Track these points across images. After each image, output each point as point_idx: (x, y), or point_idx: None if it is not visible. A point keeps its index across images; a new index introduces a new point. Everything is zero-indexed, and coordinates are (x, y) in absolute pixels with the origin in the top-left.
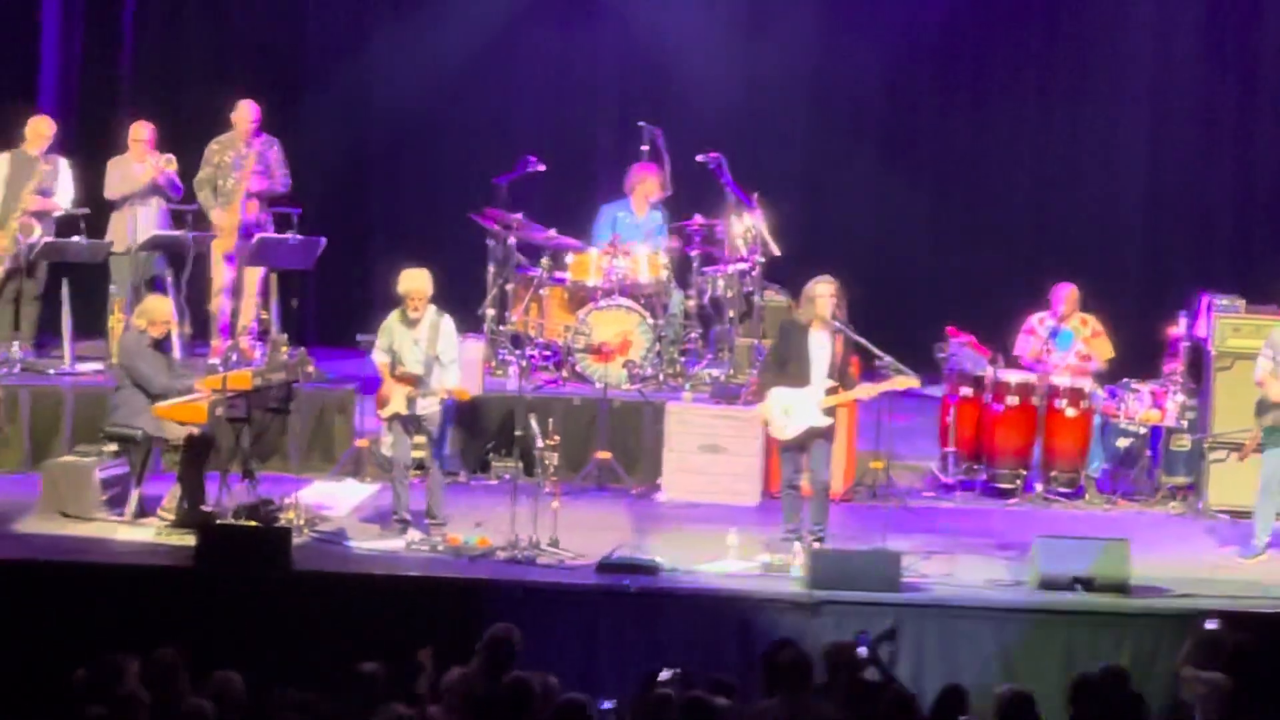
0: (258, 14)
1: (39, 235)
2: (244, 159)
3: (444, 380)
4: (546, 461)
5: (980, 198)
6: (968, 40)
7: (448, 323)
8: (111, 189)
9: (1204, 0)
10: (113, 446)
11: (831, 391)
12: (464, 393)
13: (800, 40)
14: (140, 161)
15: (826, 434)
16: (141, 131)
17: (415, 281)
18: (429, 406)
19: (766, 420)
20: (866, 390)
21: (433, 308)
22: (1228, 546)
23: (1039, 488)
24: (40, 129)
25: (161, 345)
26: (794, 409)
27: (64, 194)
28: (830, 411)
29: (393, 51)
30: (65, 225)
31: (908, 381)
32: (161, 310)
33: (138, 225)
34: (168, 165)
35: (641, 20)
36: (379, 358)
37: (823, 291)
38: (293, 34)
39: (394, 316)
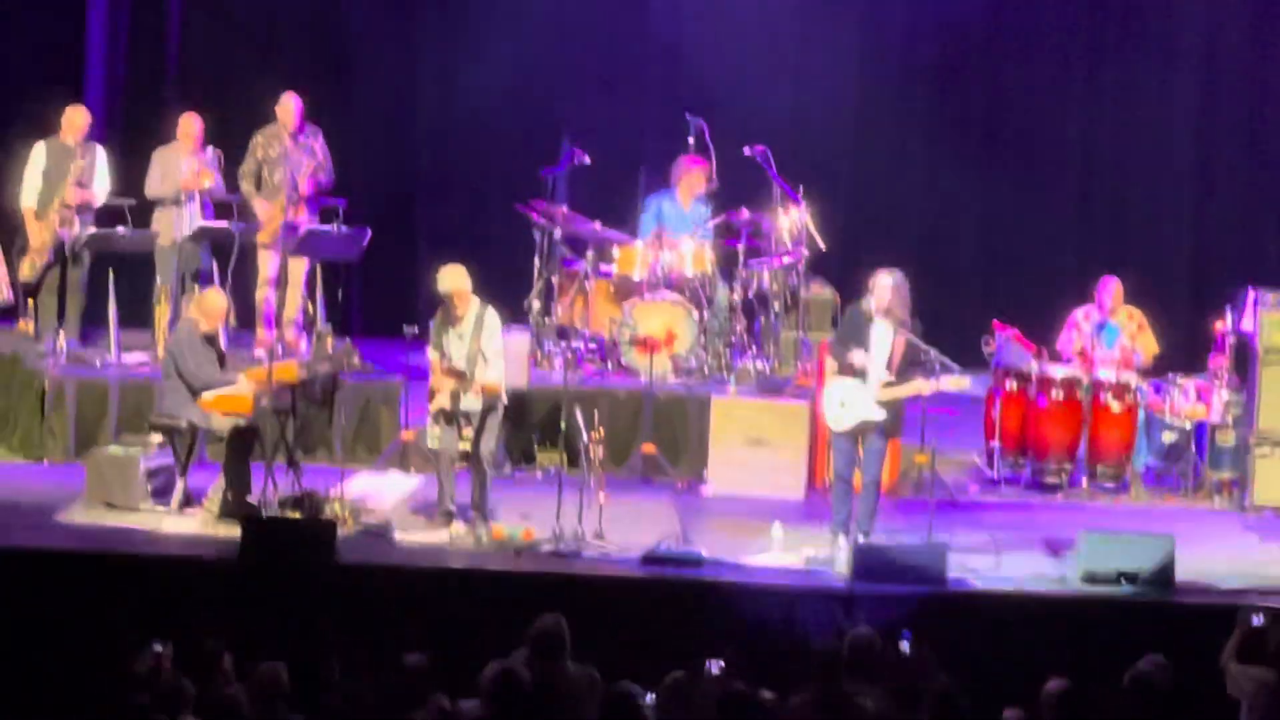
0: (304, 4)
1: (80, 228)
2: (290, 152)
3: (482, 375)
4: (591, 454)
5: (1027, 191)
6: (1015, 30)
7: (491, 316)
8: (152, 189)
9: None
10: (158, 437)
11: (888, 385)
12: (496, 388)
13: (846, 31)
14: (186, 157)
15: (880, 429)
16: (190, 126)
17: (452, 281)
18: (474, 401)
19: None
20: (921, 387)
21: (477, 301)
22: (1273, 542)
23: (1084, 482)
24: (75, 119)
25: (214, 339)
26: (850, 401)
27: (101, 185)
28: (886, 406)
29: (440, 42)
30: (111, 216)
31: (960, 383)
32: (217, 304)
33: (183, 217)
34: (205, 180)
35: (688, 11)
36: (430, 353)
37: (883, 283)
38: (340, 24)
39: (440, 312)
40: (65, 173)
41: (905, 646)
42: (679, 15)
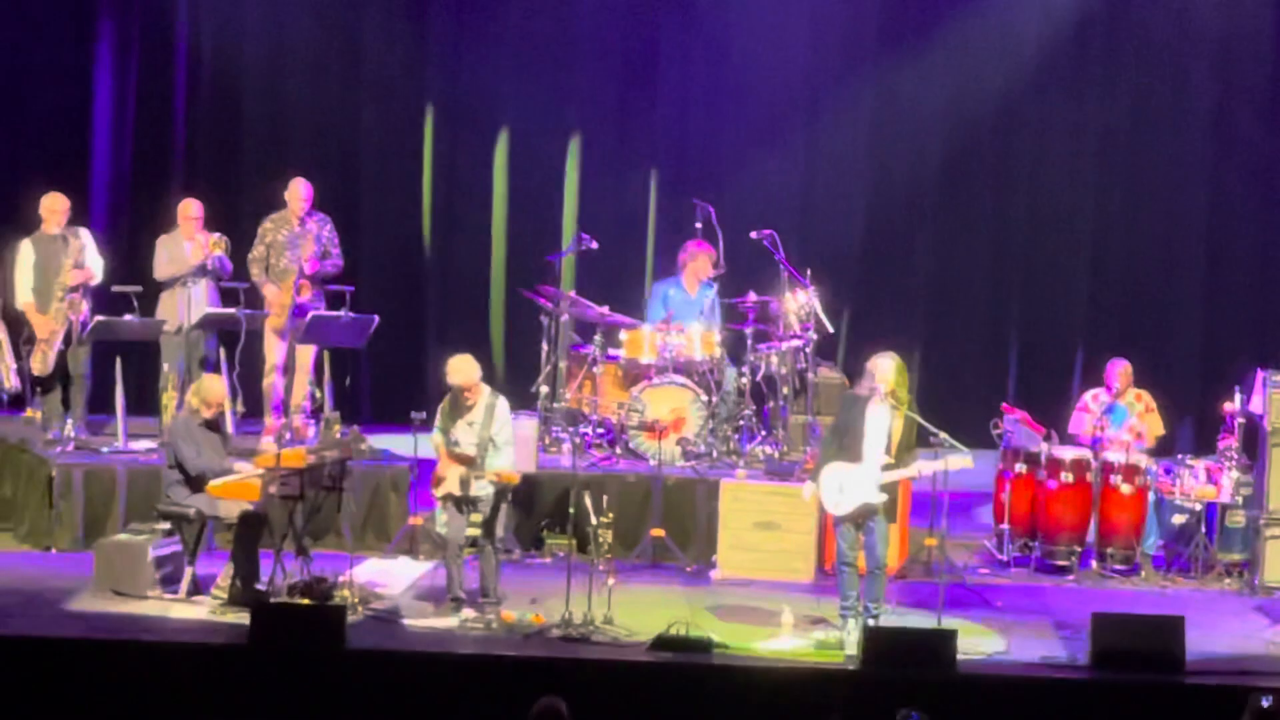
0: (311, 93)
1: (87, 310)
2: (299, 239)
3: (495, 463)
4: (600, 539)
5: (1036, 274)
6: (1025, 116)
7: (503, 405)
8: (160, 270)
9: (1265, 66)
10: (166, 525)
11: (887, 468)
12: (512, 477)
13: (855, 117)
14: (189, 240)
15: (883, 511)
16: (190, 209)
17: (462, 375)
18: (483, 487)
19: (814, 494)
20: (921, 468)
21: (487, 389)
22: None
23: (1094, 564)
24: (55, 205)
25: (217, 425)
26: (849, 485)
27: (95, 263)
28: (886, 488)
29: (449, 132)
30: (117, 303)
31: (962, 462)
32: (215, 391)
33: (190, 304)
34: (215, 248)
35: (695, 97)
36: (435, 437)
37: (884, 365)
38: (348, 114)
39: (448, 398)
40: (58, 261)
41: None
42: (687, 101)
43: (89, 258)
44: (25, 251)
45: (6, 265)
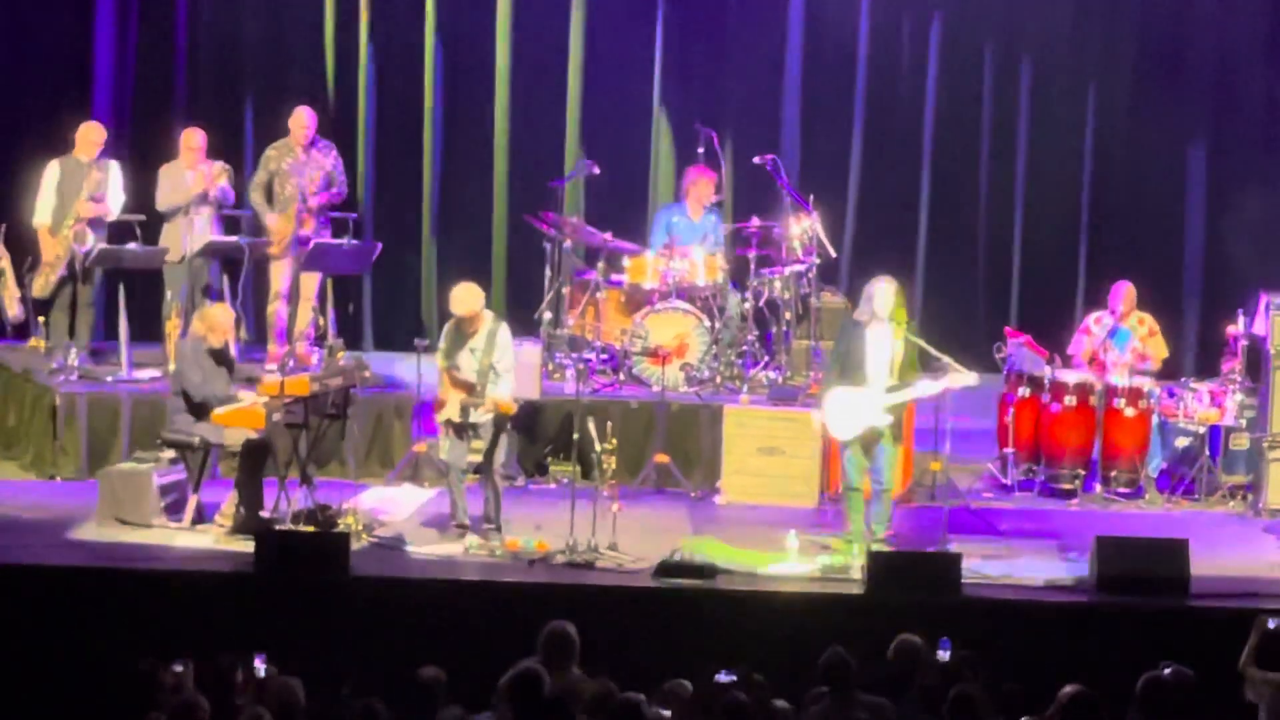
0: (312, 20)
1: (93, 242)
2: (303, 166)
3: (494, 391)
4: (604, 465)
5: (1039, 197)
6: (1027, 33)
7: (504, 332)
8: (163, 200)
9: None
10: (170, 453)
11: (892, 391)
12: (508, 406)
13: (855, 38)
14: (192, 169)
15: (888, 435)
16: (193, 139)
17: (465, 304)
18: (484, 415)
19: (821, 425)
20: (927, 389)
21: (490, 315)
22: None
23: (1098, 488)
24: (91, 135)
25: (223, 353)
26: (853, 409)
27: (115, 200)
28: (892, 410)
29: (450, 55)
30: (120, 232)
31: (966, 379)
32: (221, 318)
33: (192, 233)
34: (220, 177)
35: (699, 22)
36: (439, 361)
37: (882, 290)
38: (348, 41)
39: (451, 324)
40: (79, 188)
41: (944, 655)
42: (690, 26)
43: (111, 193)
44: (51, 173)
45: (30, 184)
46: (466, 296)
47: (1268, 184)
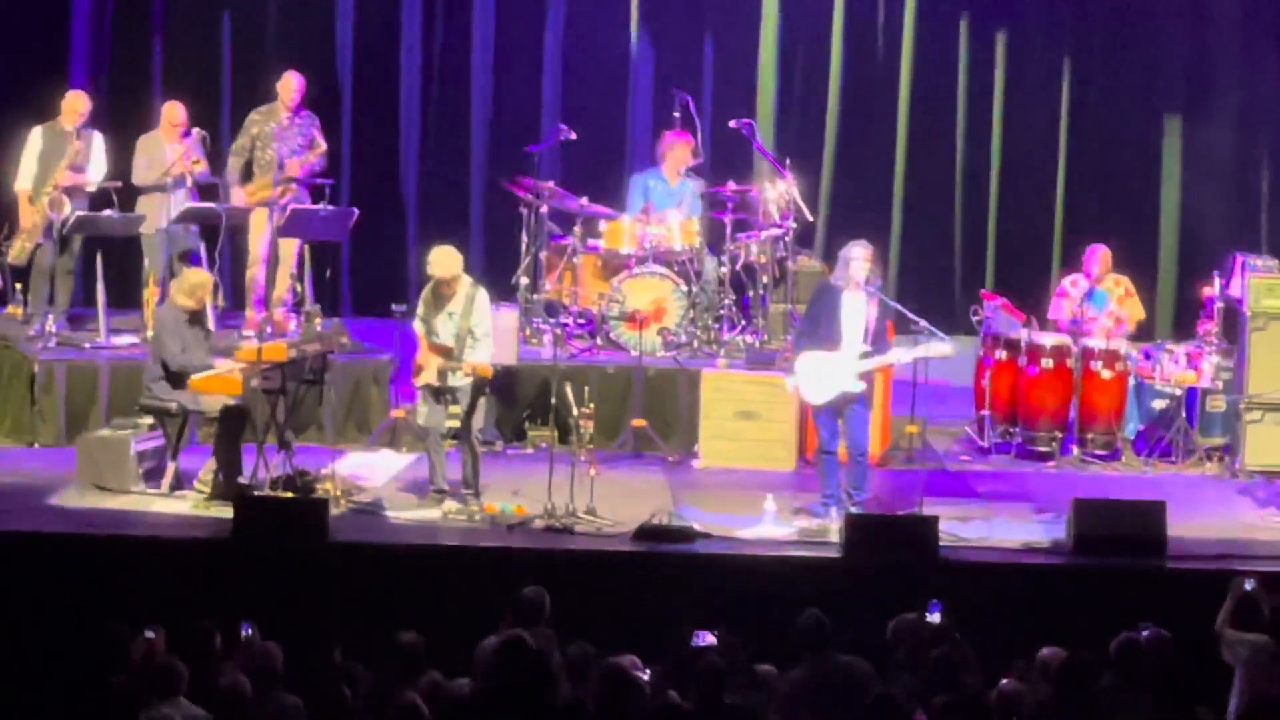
0: None
1: (70, 210)
2: (286, 132)
3: (472, 355)
4: (582, 430)
5: (1014, 159)
6: (1001, 6)
7: (482, 296)
8: (139, 175)
9: None
10: (148, 420)
11: (865, 356)
12: (486, 370)
13: (831, 2)
14: (171, 143)
15: (862, 399)
16: (174, 114)
17: (443, 267)
18: (462, 379)
19: (795, 388)
20: (900, 356)
21: (468, 280)
22: (1264, 507)
23: (1075, 450)
24: (75, 105)
25: (199, 319)
26: (827, 373)
27: (96, 170)
28: (865, 376)
29: (427, 21)
30: (98, 199)
31: (943, 349)
32: (199, 282)
33: (169, 203)
34: (196, 166)
35: None
36: (416, 326)
37: (857, 255)
38: (326, 6)
39: (429, 288)
40: (61, 156)
41: (936, 617)
42: None
43: (93, 164)
44: (33, 139)
45: (11, 150)
46: (445, 259)
47: (1241, 147)
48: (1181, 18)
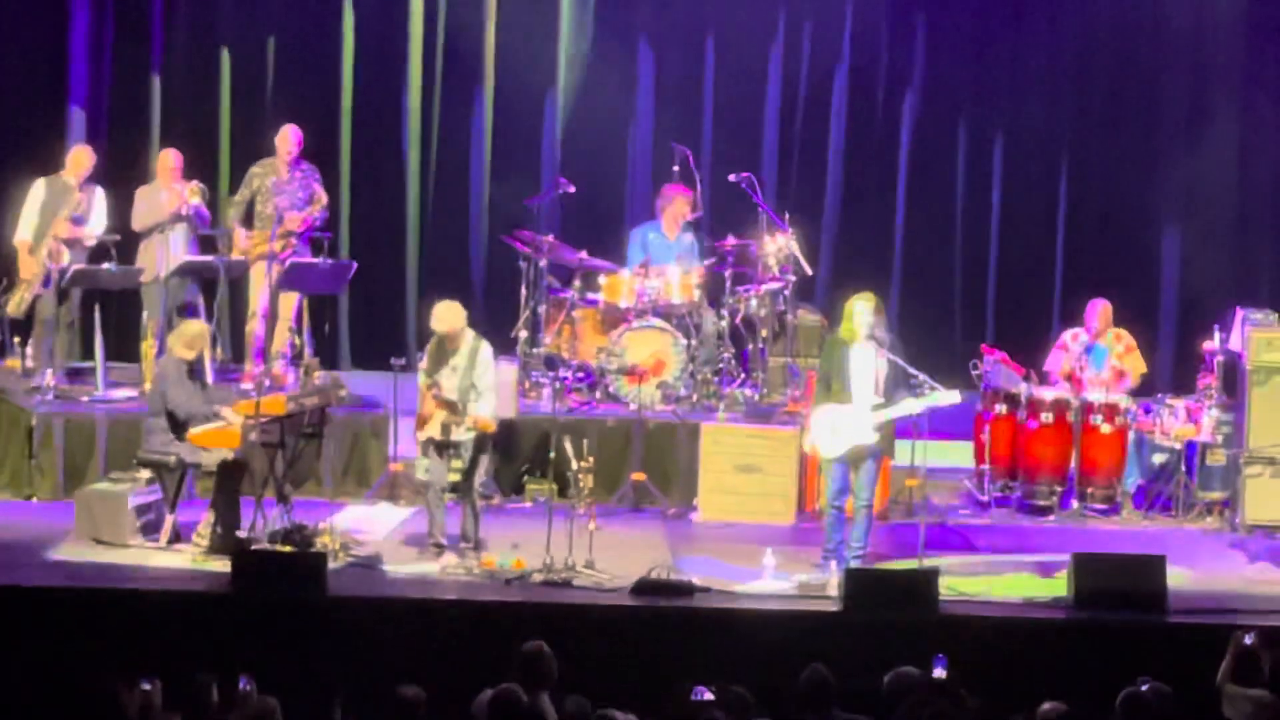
0: (291, 41)
1: (69, 261)
2: (285, 185)
3: (475, 409)
4: (581, 483)
5: (1013, 215)
6: (1000, 53)
7: (485, 350)
8: (138, 219)
9: (1242, 17)
10: (146, 473)
11: (878, 408)
12: (488, 424)
13: (832, 58)
14: (167, 189)
15: (873, 452)
16: (169, 160)
17: (446, 321)
18: (465, 433)
19: (812, 445)
20: (911, 406)
21: (471, 334)
22: (1264, 561)
23: (1075, 504)
24: (81, 159)
25: (195, 371)
26: (841, 426)
27: (96, 224)
28: (879, 429)
29: (429, 76)
30: (96, 252)
31: (951, 398)
32: (196, 332)
33: (168, 253)
34: (192, 196)
35: (674, 42)
36: (421, 379)
37: (861, 309)
38: (326, 61)
39: (434, 342)
40: (62, 208)
41: (940, 672)
42: (666, 46)
43: (92, 216)
44: (36, 190)
45: (9, 203)
46: (448, 314)
47: (1242, 202)
48: (1181, 64)
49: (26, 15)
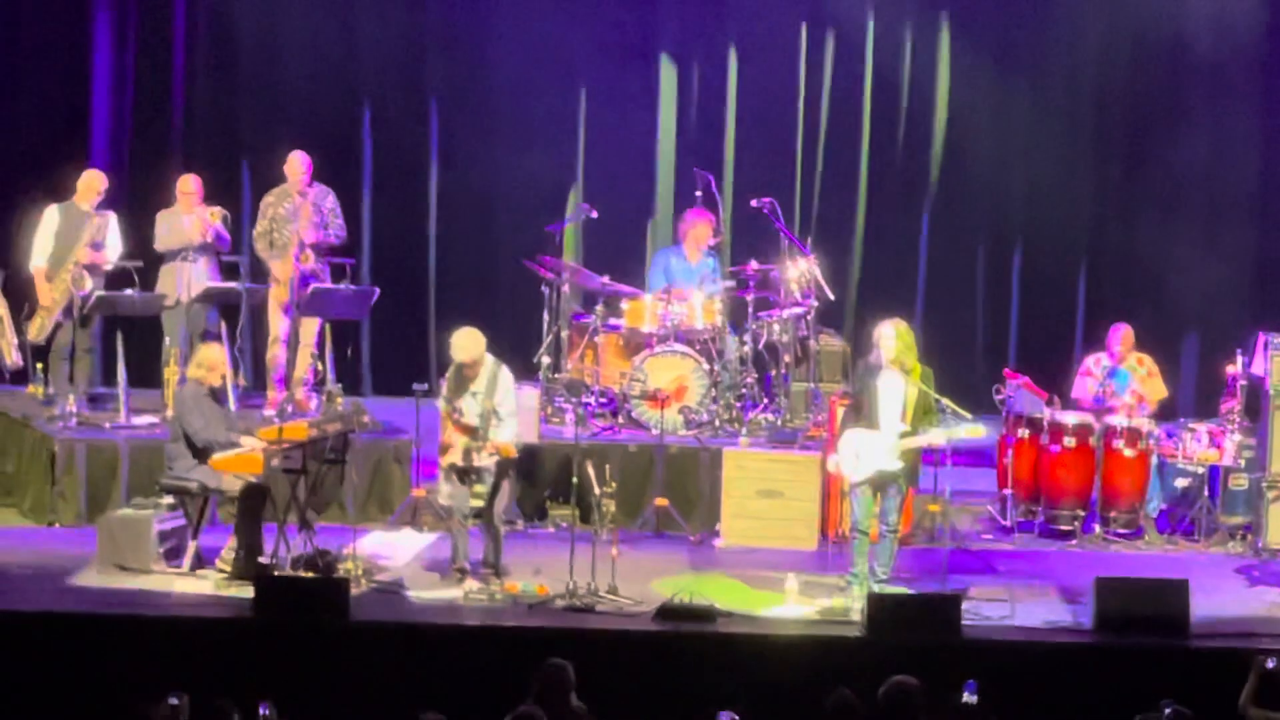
0: (312, 65)
1: (90, 288)
2: (299, 209)
3: (496, 435)
4: (604, 509)
5: (1036, 239)
6: (1019, 84)
7: (506, 376)
8: (160, 242)
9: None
10: (169, 499)
11: (905, 435)
12: (509, 450)
13: (859, 84)
14: (188, 214)
15: (899, 478)
16: (189, 184)
17: (465, 350)
18: (487, 458)
19: (837, 465)
20: (937, 437)
21: (491, 359)
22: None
23: (1097, 528)
24: (93, 183)
25: (218, 395)
26: (865, 450)
27: (113, 249)
28: (904, 457)
29: (449, 101)
30: (118, 278)
31: (977, 431)
32: (215, 357)
33: (190, 279)
34: (214, 219)
35: (696, 67)
36: (441, 405)
37: (888, 334)
38: (347, 85)
39: (453, 369)
40: (78, 234)
41: (971, 697)
42: (687, 70)
43: (109, 241)
44: (49, 217)
45: (28, 228)
46: (468, 342)
47: (1264, 226)
48: (1201, 84)
49: (50, 42)
